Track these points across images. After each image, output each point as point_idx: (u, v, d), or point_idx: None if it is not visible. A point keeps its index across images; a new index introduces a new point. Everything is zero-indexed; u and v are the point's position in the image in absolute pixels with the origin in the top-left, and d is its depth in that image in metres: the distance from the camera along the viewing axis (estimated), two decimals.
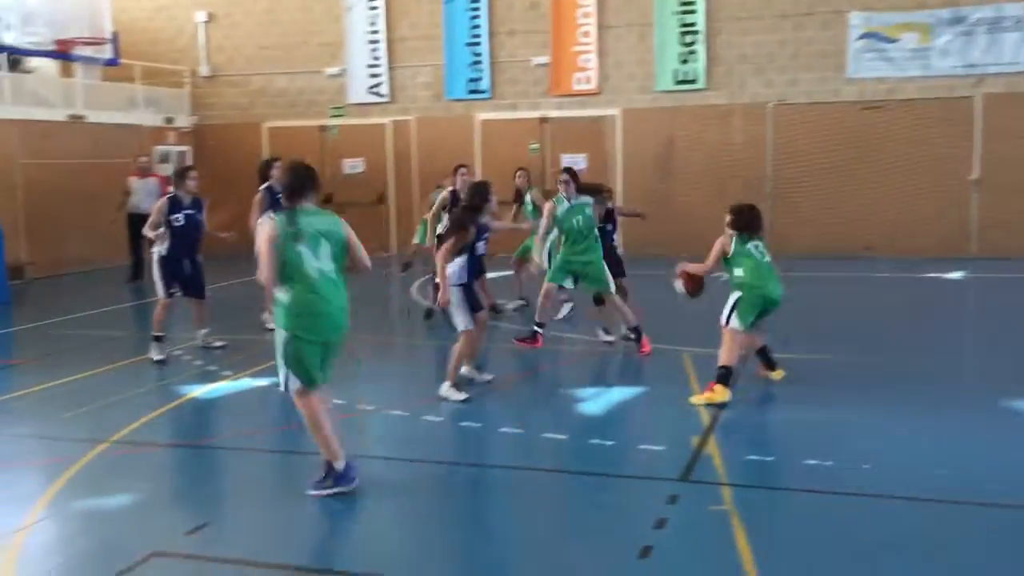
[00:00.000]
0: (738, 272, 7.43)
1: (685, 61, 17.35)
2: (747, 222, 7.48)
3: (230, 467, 6.30)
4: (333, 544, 5.01)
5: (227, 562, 4.65)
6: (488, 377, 8.10)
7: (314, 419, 5.39)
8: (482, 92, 18.46)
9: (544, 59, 18.07)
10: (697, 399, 7.21)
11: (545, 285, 9.38)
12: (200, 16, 19.88)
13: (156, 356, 9.22)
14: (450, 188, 10.86)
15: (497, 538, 5.03)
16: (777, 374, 7.87)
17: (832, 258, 16.07)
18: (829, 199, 16.80)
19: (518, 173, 11.97)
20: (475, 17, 18.26)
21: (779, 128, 17.01)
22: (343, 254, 5.45)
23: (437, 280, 7.60)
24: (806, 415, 7.03)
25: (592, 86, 17.92)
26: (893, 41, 16.38)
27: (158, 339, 9.30)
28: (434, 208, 10.96)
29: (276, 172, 10.19)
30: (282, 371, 5.40)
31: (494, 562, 4.71)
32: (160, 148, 18.92)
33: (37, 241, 15.94)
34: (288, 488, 5.81)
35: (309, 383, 5.38)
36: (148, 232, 9.53)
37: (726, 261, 7.48)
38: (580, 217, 9.16)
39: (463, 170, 10.83)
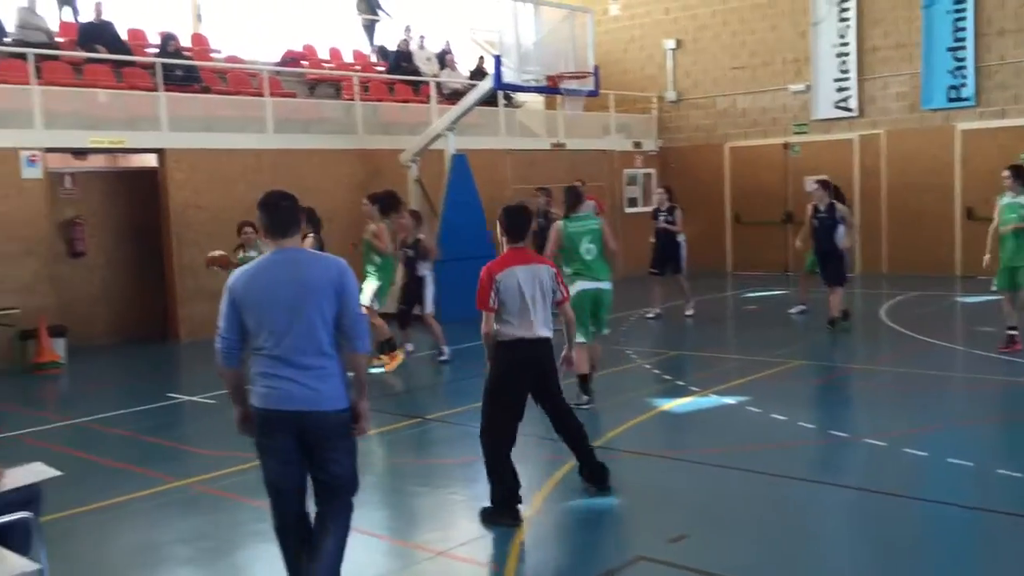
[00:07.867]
0: None
1: None
2: None
3: (704, 481, 6.45)
4: (807, 571, 4.93)
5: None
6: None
7: None
8: (965, 100, 16.97)
9: None
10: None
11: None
12: (669, 44, 20.74)
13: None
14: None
15: None
16: None
17: None
18: None
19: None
20: (960, 19, 16.85)
21: None
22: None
23: None
24: None
25: None
26: None
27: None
28: None
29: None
30: None
31: None
32: (628, 171, 20.09)
33: None
34: (765, 509, 5.82)
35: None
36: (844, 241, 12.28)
37: None
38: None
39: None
